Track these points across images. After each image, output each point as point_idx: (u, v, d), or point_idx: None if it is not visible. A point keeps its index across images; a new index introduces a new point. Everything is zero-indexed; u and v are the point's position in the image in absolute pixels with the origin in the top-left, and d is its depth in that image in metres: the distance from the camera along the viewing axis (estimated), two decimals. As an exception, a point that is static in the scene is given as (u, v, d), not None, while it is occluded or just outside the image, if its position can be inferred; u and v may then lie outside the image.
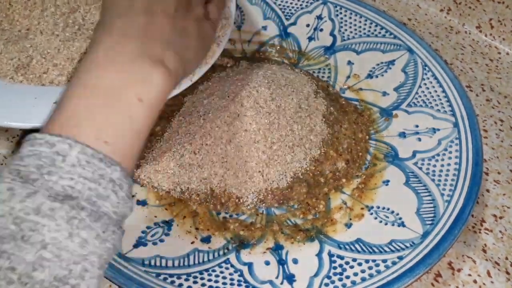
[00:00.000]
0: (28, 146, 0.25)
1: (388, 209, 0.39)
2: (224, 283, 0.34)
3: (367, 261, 0.35)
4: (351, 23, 0.52)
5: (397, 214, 0.38)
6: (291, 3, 0.54)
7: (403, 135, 0.44)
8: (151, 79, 0.28)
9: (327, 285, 0.34)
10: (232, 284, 0.34)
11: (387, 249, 0.35)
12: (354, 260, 0.35)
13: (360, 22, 0.52)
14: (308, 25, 0.53)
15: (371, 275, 0.34)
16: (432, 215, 0.37)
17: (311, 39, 0.52)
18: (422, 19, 0.59)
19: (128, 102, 0.27)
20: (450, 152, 0.41)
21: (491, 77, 0.53)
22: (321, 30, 0.53)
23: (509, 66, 0.54)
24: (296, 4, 0.54)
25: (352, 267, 0.35)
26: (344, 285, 0.34)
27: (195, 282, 0.33)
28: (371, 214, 0.39)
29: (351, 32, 0.52)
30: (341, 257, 0.35)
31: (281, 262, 0.35)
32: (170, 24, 0.31)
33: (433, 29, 0.58)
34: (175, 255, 0.35)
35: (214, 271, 0.35)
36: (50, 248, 0.22)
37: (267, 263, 0.36)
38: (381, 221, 0.38)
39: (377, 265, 0.34)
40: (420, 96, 0.46)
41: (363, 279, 0.34)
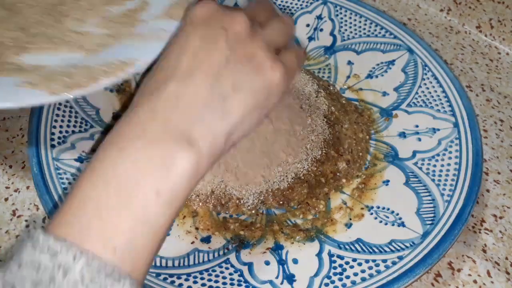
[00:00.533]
0: (28, 249, 0.22)
1: (388, 209, 0.39)
2: (224, 283, 0.34)
3: (367, 261, 0.35)
4: (351, 23, 0.52)
5: (397, 214, 0.38)
6: (291, 3, 0.54)
7: (403, 135, 0.44)
8: (173, 165, 0.23)
9: (327, 285, 0.34)
10: (232, 284, 0.34)
11: (387, 249, 0.35)
12: (354, 260, 0.35)
13: (360, 22, 0.52)
14: (308, 25, 0.53)
15: (371, 275, 0.34)
16: (432, 215, 0.37)
17: (311, 39, 0.52)
18: (422, 19, 0.59)
19: (144, 198, 0.23)
20: (450, 152, 0.41)
21: (491, 77, 0.53)
22: (321, 30, 0.53)
23: (509, 66, 0.54)
24: (296, 4, 0.54)
25: (352, 267, 0.35)
26: (344, 285, 0.34)
27: (195, 282, 0.33)
28: (371, 214, 0.39)
29: (351, 32, 0.52)
30: (341, 257, 0.35)
31: (281, 262, 0.36)
32: (213, 81, 0.25)
33: (433, 29, 0.58)
34: (175, 255, 0.35)
35: (214, 271, 0.35)
36: None
37: (267, 263, 0.36)
38: (381, 221, 0.38)
39: (377, 265, 0.34)
40: (420, 96, 0.46)
41: (363, 279, 0.34)
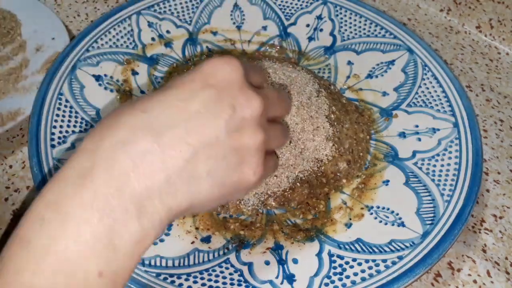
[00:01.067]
0: None
1: (388, 209, 0.39)
2: (224, 283, 0.34)
3: (367, 261, 0.35)
4: (351, 23, 0.52)
5: (397, 214, 0.38)
6: (291, 3, 0.54)
7: (403, 135, 0.44)
8: (119, 242, 0.20)
9: (327, 285, 0.34)
10: (232, 284, 0.34)
11: (387, 249, 0.35)
12: (354, 260, 0.35)
13: (360, 22, 0.52)
14: (308, 25, 0.53)
15: (371, 275, 0.34)
16: (432, 215, 0.37)
17: (311, 39, 0.52)
18: (422, 19, 0.59)
19: (86, 282, 0.20)
20: (450, 152, 0.41)
21: (491, 77, 0.53)
22: (321, 30, 0.53)
23: (509, 66, 0.54)
24: (296, 4, 0.54)
25: (352, 267, 0.35)
26: (344, 285, 0.34)
27: (195, 282, 0.33)
28: (371, 214, 0.39)
29: (351, 32, 0.52)
30: (341, 257, 0.36)
31: (281, 262, 0.36)
32: (191, 156, 0.22)
33: (433, 29, 0.58)
34: (175, 255, 0.35)
35: (214, 271, 0.35)
36: None
37: (267, 263, 0.36)
38: (381, 221, 0.38)
39: (377, 265, 0.34)
40: (420, 96, 0.46)
41: (363, 279, 0.34)
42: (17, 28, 0.51)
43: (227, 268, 0.35)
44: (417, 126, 0.44)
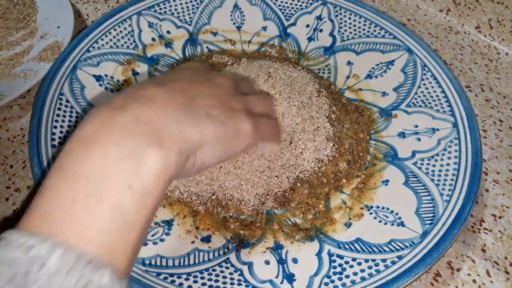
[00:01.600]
0: (1, 249, 0.21)
1: (388, 208, 0.39)
2: (224, 283, 0.34)
3: (366, 260, 0.35)
4: (350, 23, 0.52)
5: (397, 214, 0.38)
6: (291, 3, 0.54)
7: (402, 135, 0.44)
8: (144, 161, 0.23)
9: (326, 284, 0.34)
10: (232, 284, 0.34)
11: (386, 248, 0.36)
12: (354, 259, 0.35)
13: (360, 22, 0.52)
14: (308, 26, 0.53)
15: (371, 275, 0.34)
16: (432, 214, 0.37)
17: (310, 39, 0.53)
18: (421, 20, 0.59)
19: (116, 191, 0.23)
20: (450, 152, 0.41)
21: (490, 77, 0.53)
22: (321, 30, 0.53)
23: (508, 67, 0.54)
24: (296, 5, 0.54)
25: (351, 266, 0.35)
26: (343, 284, 0.34)
27: (195, 282, 0.33)
28: (371, 213, 0.39)
29: (351, 33, 0.52)
30: (341, 257, 0.36)
31: (281, 262, 0.36)
32: (183, 94, 0.27)
33: (433, 29, 0.58)
34: (175, 255, 0.35)
35: (214, 270, 0.35)
36: None
37: (267, 262, 0.36)
38: (380, 221, 0.38)
39: (377, 264, 0.35)
40: (419, 96, 0.46)
41: (363, 279, 0.34)
42: (33, 14, 0.51)
43: (227, 268, 0.35)
44: (416, 126, 0.44)
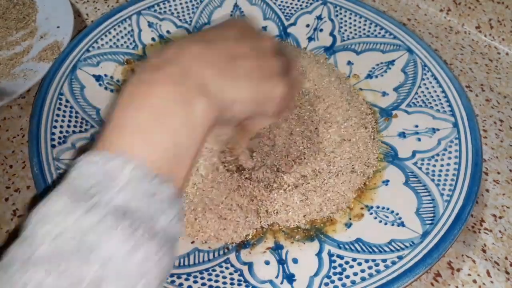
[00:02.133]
0: (82, 165, 0.25)
1: (388, 209, 0.39)
2: (224, 283, 0.34)
3: (366, 260, 0.35)
4: (351, 23, 0.52)
5: (397, 214, 0.38)
6: (291, 3, 0.54)
7: (402, 135, 0.44)
8: (194, 106, 0.27)
9: (327, 284, 0.34)
10: (232, 284, 0.34)
11: (386, 248, 0.36)
12: (354, 259, 0.35)
13: (360, 22, 0.52)
14: (308, 26, 0.53)
15: (371, 275, 0.34)
16: (432, 215, 0.37)
17: (311, 39, 0.53)
18: (421, 19, 0.59)
19: (175, 124, 0.26)
20: (450, 152, 0.41)
21: (490, 77, 0.53)
22: (321, 30, 0.53)
23: (508, 66, 0.54)
24: (296, 5, 0.54)
25: (352, 266, 0.35)
26: (344, 284, 0.34)
27: (195, 282, 0.33)
28: (371, 214, 0.39)
29: (351, 33, 0.52)
30: (341, 257, 0.36)
31: (281, 262, 0.36)
32: (226, 53, 0.29)
33: (433, 29, 0.58)
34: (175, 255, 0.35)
35: (214, 270, 0.35)
36: (111, 266, 0.22)
37: (267, 262, 0.36)
38: (380, 221, 0.38)
39: (377, 264, 0.34)
40: (419, 96, 0.46)
41: (363, 279, 0.34)
42: (33, 14, 0.51)
43: (227, 268, 0.35)
44: (417, 126, 0.44)
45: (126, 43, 0.49)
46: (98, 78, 0.46)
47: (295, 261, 0.36)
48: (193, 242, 0.36)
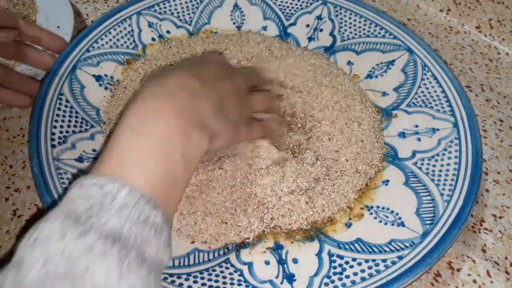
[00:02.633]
0: (77, 189, 0.26)
1: (388, 209, 0.39)
2: (224, 283, 0.34)
3: (366, 260, 0.35)
4: (351, 23, 0.52)
5: (397, 214, 0.38)
6: (291, 3, 0.54)
7: (402, 135, 0.44)
8: (191, 139, 0.29)
9: (327, 284, 0.34)
10: (232, 284, 0.34)
11: (386, 248, 0.36)
12: (354, 259, 0.35)
13: (360, 22, 0.52)
14: (308, 26, 0.53)
15: (371, 275, 0.34)
16: (432, 215, 0.37)
17: (311, 39, 0.53)
18: (421, 19, 0.59)
19: (174, 154, 0.28)
20: (450, 152, 0.41)
21: (490, 77, 0.53)
22: (321, 30, 0.53)
23: (508, 66, 0.54)
24: (296, 5, 0.54)
25: (352, 266, 0.35)
26: (344, 284, 0.34)
27: (195, 282, 0.33)
28: (371, 214, 0.39)
29: (351, 33, 0.52)
30: (341, 257, 0.36)
31: (281, 262, 0.36)
32: (217, 92, 0.33)
33: (433, 29, 0.58)
34: (175, 255, 0.35)
35: (214, 270, 0.35)
36: None
37: (267, 262, 0.36)
38: (380, 221, 0.38)
39: (377, 264, 0.34)
40: (419, 96, 0.46)
41: (363, 279, 0.34)
42: (33, 14, 0.51)
43: (227, 268, 0.35)
44: (416, 126, 0.44)
45: (126, 43, 0.49)
46: (98, 78, 0.46)
47: (295, 261, 0.36)
48: (193, 242, 0.36)
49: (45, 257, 0.22)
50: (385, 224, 0.38)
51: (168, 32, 0.51)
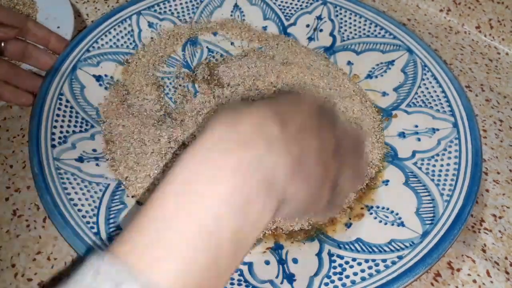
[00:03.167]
0: (91, 274, 0.20)
1: (388, 209, 0.39)
2: (224, 283, 0.34)
3: (366, 260, 0.35)
4: (350, 23, 0.52)
5: (397, 214, 0.38)
6: (291, 3, 0.54)
7: (402, 135, 0.44)
8: (254, 208, 0.22)
9: (327, 284, 0.34)
10: (232, 284, 0.34)
11: (386, 248, 0.36)
12: (354, 259, 0.35)
13: (360, 22, 0.52)
14: (308, 26, 0.53)
15: (371, 275, 0.34)
16: (432, 215, 0.37)
17: (311, 39, 0.53)
18: (421, 20, 0.59)
19: (220, 236, 0.21)
20: (450, 152, 0.41)
21: (490, 77, 0.53)
22: (321, 30, 0.53)
23: (508, 66, 0.54)
24: (296, 5, 0.54)
25: (351, 266, 0.35)
26: (344, 284, 0.34)
27: (195, 282, 0.33)
28: (371, 214, 0.39)
29: (351, 33, 0.52)
30: (341, 257, 0.36)
31: (281, 262, 0.36)
32: (297, 146, 0.25)
33: (433, 29, 0.58)
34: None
35: (214, 270, 0.35)
36: None
37: (267, 262, 0.36)
38: (380, 221, 0.38)
39: (377, 264, 0.34)
40: (419, 96, 0.46)
41: (363, 279, 0.34)
42: (33, 14, 0.51)
43: (227, 268, 0.35)
44: (416, 126, 0.44)
45: (126, 43, 0.49)
46: (98, 78, 0.46)
47: (295, 261, 0.36)
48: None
49: None
50: (385, 224, 0.38)
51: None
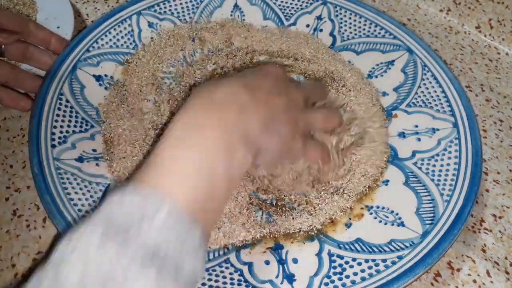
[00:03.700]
0: (118, 197, 0.25)
1: (388, 209, 0.39)
2: (224, 283, 0.34)
3: (366, 260, 0.35)
4: (350, 23, 0.52)
5: (397, 214, 0.38)
6: (291, 3, 0.54)
7: (402, 135, 0.44)
8: (236, 154, 0.29)
9: (327, 284, 0.34)
10: (232, 284, 0.34)
11: (386, 248, 0.36)
12: (354, 259, 0.35)
13: (360, 22, 0.52)
14: (308, 26, 0.53)
15: (371, 275, 0.34)
16: (432, 215, 0.37)
17: (311, 39, 0.53)
18: (421, 20, 0.59)
19: (219, 169, 0.28)
20: (450, 152, 0.41)
21: (490, 77, 0.53)
22: (321, 30, 0.53)
23: (508, 66, 0.54)
24: (296, 5, 0.54)
25: (351, 266, 0.35)
26: (344, 284, 0.34)
27: (195, 282, 0.33)
28: (371, 214, 0.39)
29: (351, 33, 0.52)
30: (341, 257, 0.36)
31: (281, 262, 0.36)
32: (267, 106, 0.32)
33: (433, 29, 0.58)
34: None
35: (214, 270, 0.35)
36: None
37: (267, 262, 0.36)
38: (380, 221, 0.38)
39: (377, 264, 0.34)
40: (419, 96, 0.46)
41: (363, 279, 0.34)
42: (33, 14, 0.51)
43: (227, 268, 0.35)
44: (416, 126, 0.44)
45: (126, 43, 0.49)
46: (98, 78, 0.46)
47: (295, 261, 0.36)
48: (193, 242, 0.37)
49: (83, 264, 0.22)
50: (385, 224, 0.38)
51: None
